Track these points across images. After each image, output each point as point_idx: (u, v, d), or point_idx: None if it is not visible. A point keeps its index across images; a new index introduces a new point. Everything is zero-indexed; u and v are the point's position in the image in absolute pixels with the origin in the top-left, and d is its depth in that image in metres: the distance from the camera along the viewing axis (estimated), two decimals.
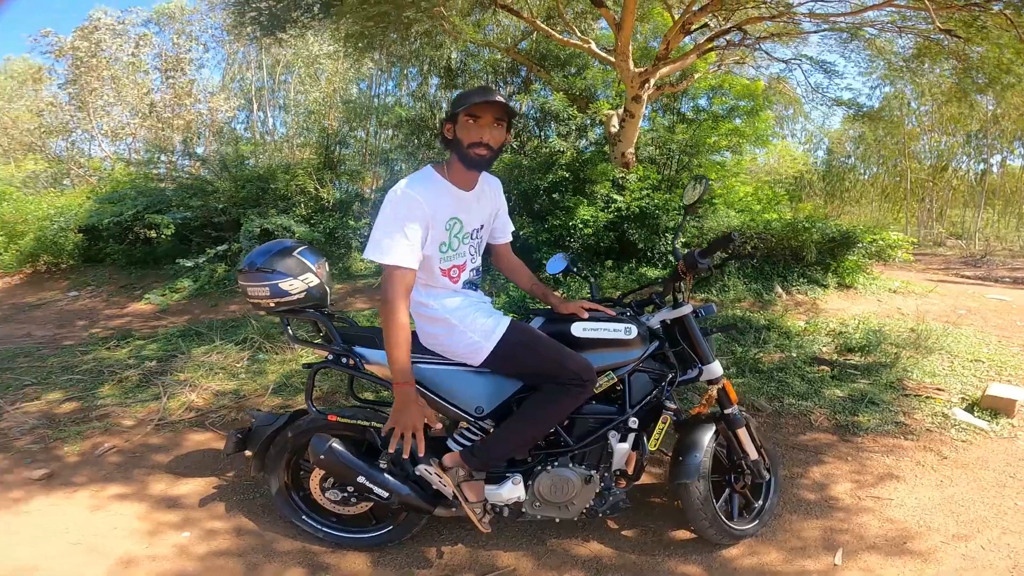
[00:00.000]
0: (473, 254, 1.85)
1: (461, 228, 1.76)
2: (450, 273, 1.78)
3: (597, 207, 5.82)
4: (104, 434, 2.92)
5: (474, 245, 1.85)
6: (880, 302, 5.65)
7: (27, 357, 4.37)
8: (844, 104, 8.29)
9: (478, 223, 1.85)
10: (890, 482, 2.51)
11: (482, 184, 1.84)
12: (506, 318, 1.82)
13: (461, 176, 1.73)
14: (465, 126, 1.62)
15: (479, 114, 1.61)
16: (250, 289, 1.82)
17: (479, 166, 1.68)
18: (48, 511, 2.23)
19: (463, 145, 1.64)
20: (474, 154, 1.64)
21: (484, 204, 1.86)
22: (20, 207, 7.98)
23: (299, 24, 6.82)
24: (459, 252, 1.78)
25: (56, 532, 2.09)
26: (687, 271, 1.89)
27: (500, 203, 1.96)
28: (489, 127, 1.62)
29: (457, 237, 1.76)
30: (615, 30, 6.02)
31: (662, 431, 1.91)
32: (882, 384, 3.44)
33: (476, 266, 1.88)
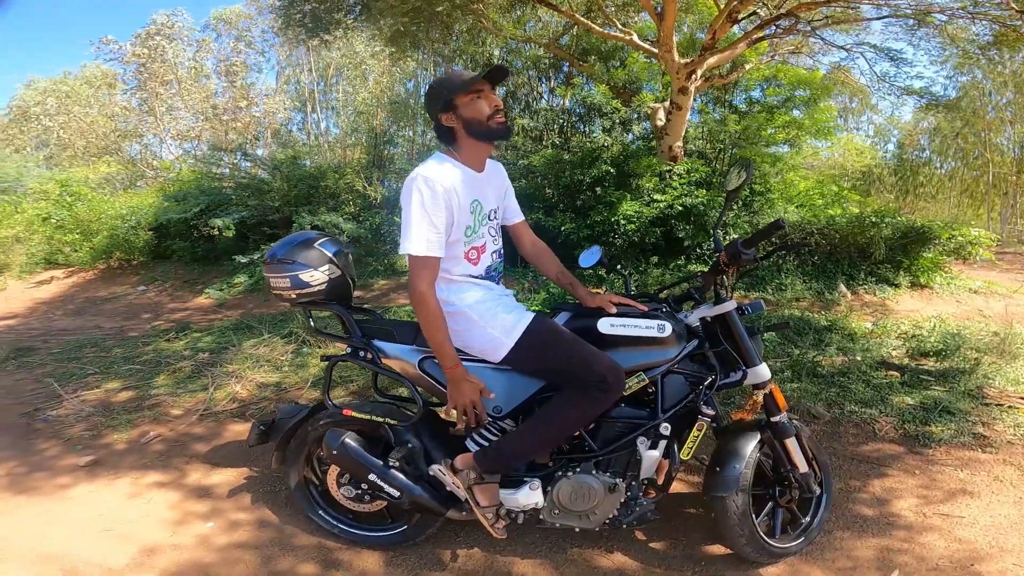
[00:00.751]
0: (493, 235, 1.79)
1: (481, 209, 1.72)
2: (468, 255, 1.71)
3: (642, 202, 5.62)
4: (152, 423, 3.03)
5: (493, 226, 1.79)
6: (959, 303, 5.18)
7: (94, 347, 4.64)
8: (915, 93, 7.66)
9: (494, 203, 1.80)
10: (962, 498, 2.26)
11: (489, 166, 1.81)
12: (528, 313, 1.73)
13: (474, 157, 1.70)
14: (471, 105, 1.61)
15: (481, 87, 1.60)
16: (272, 280, 1.82)
17: (506, 134, 1.66)
18: (87, 498, 2.32)
19: (482, 121, 1.61)
20: (497, 123, 1.62)
21: (495, 186, 1.82)
22: (94, 207, 8.55)
23: (342, 25, 6.96)
24: (480, 234, 1.73)
25: (91, 519, 2.17)
26: (729, 263, 1.72)
27: (507, 184, 1.91)
28: (494, 94, 1.63)
29: (479, 219, 1.71)
30: (657, 20, 5.81)
31: (697, 439, 1.74)
32: (959, 392, 3.13)
33: (497, 248, 1.81)
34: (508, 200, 1.92)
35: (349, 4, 6.71)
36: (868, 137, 18.77)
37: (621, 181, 6.02)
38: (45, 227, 8.46)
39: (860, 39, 6.90)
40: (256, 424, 2.02)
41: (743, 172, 1.76)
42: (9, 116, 15.98)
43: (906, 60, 6.56)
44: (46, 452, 2.75)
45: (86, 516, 2.18)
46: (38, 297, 7.39)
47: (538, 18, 8.51)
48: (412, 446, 1.80)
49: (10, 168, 13.83)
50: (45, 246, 8.81)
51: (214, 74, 14.67)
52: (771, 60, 7.84)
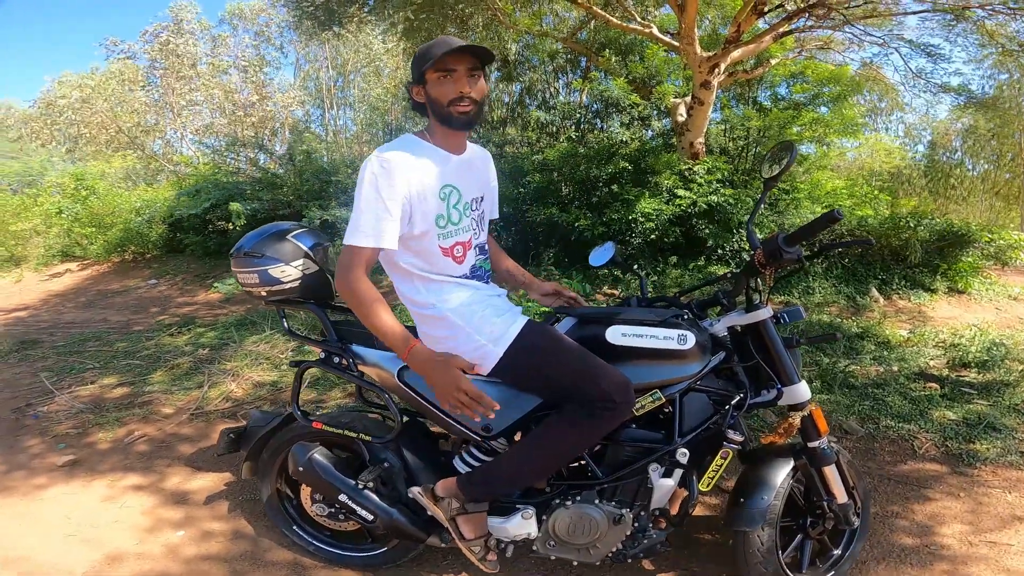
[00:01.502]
0: (477, 228, 1.55)
1: (460, 197, 1.47)
2: (453, 252, 1.48)
3: (660, 200, 5.38)
4: (141, 421, 2.91)
5: (476, 218, 1.55)
6: (999, 310, 4.87)
7: (97, 341, 4.57)
8: (952, 91, 7.28)
9: (477, 192, 1.56)
10: (1012, 524, 2.05)
11: (474, 151, 1.59)
12: (522, 317, 1.50)
13: (447, 139, 1.47)
14: (438, 83, 1.37)
15: (452, 67, 1.36)
16: (240, 276, 1.64)
17: (466, 124, 1.42)
18: (61, 499, 2.21)
19: (442, 105, 1.38)
20: (458, 112, 1.38)
21: (480, 173, 1.59)
22: (108, 200, 8.58)
23: (355, 19, 6.84)
24: (461, 226, 1.49)
25: (59, 521, 2.06)
26: (767, 263, 1.45)
27: (493, 175, 1.69)
28: (466, 78, 1.37)
29: (457, 208, 1.47)
30: (678, 12, 5.57)
31: (720, 469, 1.50)
32: (1004, 406, 2.88)
33: (480, 243, 1.57)
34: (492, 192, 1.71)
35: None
36: (897, 137, 18.19)
37: (639, 178, 5.79)
38: (60, 220, 8.52)
39: (895, 34, 6.56)
40: (226, 432, 1.86)
41: (784, 156, 1.50)
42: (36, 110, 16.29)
43: (944, 56, 6.21)
44: (30, 449, 2.65)
45: (55, 518, 2.07)
46: (52, 289, 7.42)
47: (555, 12, 8.32)
48: (388, 465, 1.61)
49: (35, 163, 14.11)
50: (63, 239, 8.89)
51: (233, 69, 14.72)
52: (798, 56, 7.53)
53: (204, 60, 14.82)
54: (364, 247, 1.34)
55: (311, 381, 3.30)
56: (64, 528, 2.01)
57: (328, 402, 3.07)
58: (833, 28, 6.33)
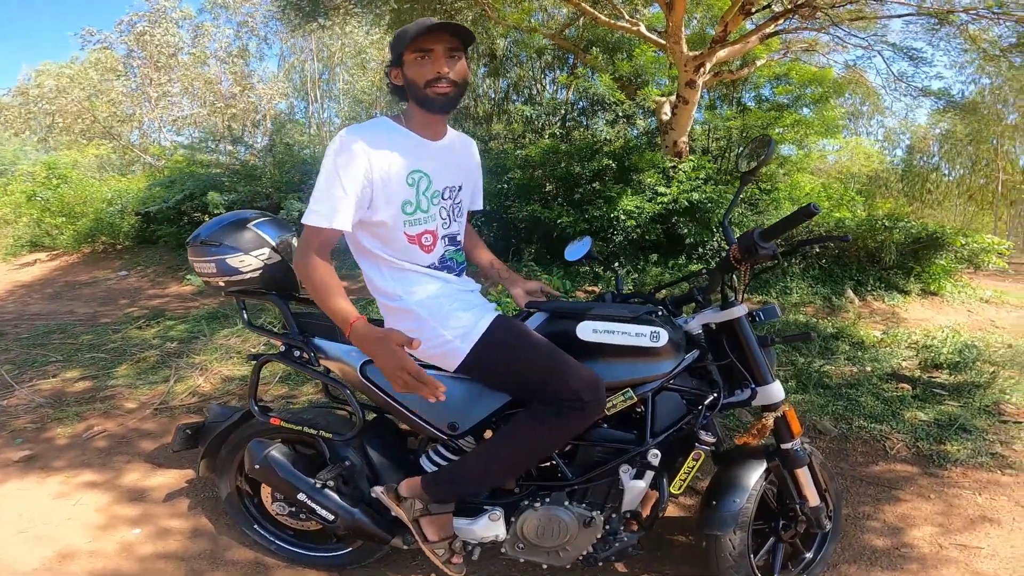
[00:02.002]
0: (447, 218, 1.49)
1: (429, 184, 1.42)
2: (421, 240, 1.42)
3: (643, 198, 5.38)
4: (102, 416, 2.81)
5: (447, 207, 1.48)
6: (971, 313, 4.96)
7: (62, 334, 4.42)
8: (933, 94, 7.40)
9: (452, 181, 1.49)
10: (981, 526, 2.05)
11: (457, 139, 1.54)
12: (492, 312, 1.45)
13: (422, 123, 1.41)
14: (416, 64, 1.33)
15: (429, 46, 1.31)
16: (196, 265, 1.57)
17: (444, 106, 1.36)
18: (14, 495, 2.12)
19: (419, 86, 1.33)
20: (435, 93, 1.33)
21: (462, 161, 1.53)
22: (80, 190, 8.33)
23: (340, 10, 6.73)
24: (430, 214, 1.43)
25: (10, 518, 1.97)
26: (743, 259, 1.41)
27: (476, 164, 1.63)
28: (444, 59, 1.32)
29: (426, 195, 1.41)
30: (666, 10, 5.57)
31: (692, 471, 1.46)
32: (975, 408, 2.91)
33: (453, 234, 1.51)
34: (476, 186, 1.65)
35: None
36: (877, 141, 18.52)
37: (622, 175, 5.78)
38: (31, 207, 8.25)
39: (878, 37, 6.64)
40: (181, 427, 1.79)
41: (762, 151, 1.47)
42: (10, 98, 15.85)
43: (925, 60, 6.30)
44: None
45: (7, 515, 1.98)
46: (19, 280, 7.18)
47: (544, 8, 8.30)
48: (350, 464, 1.55)
49: (7, 151, 13.67)
50: (32, 229, 8.62)
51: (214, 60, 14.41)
52: (783, 58, 7.60)
53: (185, 50, 14.49)
54: (319, 227, 1.29)
55: (282, 376, 3.22)
56: (15, 525, 1.93)
57: (299, 397, 3.00)
58: (819, 30, 6.38)
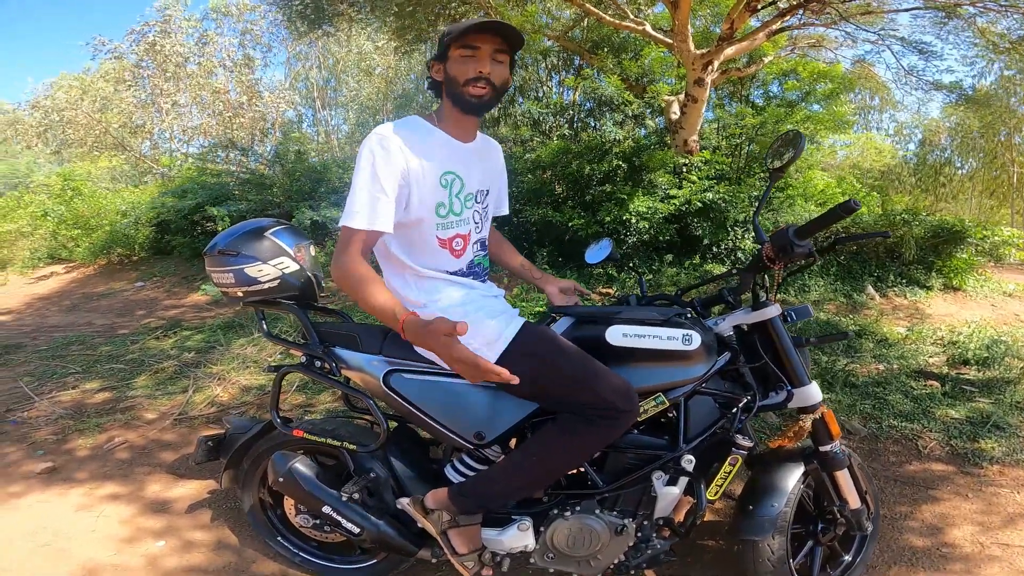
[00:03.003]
0: (480, 222, 1.47)
1: (463, 186, 1.38)
2: (452, 244, 1.39)
3: (655, 198, 5.33)
4: (123, 427, 2.81)
5: (479, 211, 1.46)
6: (994, 307, 4.85)
7: (81, 345, 4.45)
8: (944, 88, 7.30)
9: (482, 184, 1.47)
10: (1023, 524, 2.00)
11: (484, 142, 1.51)
12: (518, 319, 1.41)
13: (455, 123, 1.38)
14: (459, 61, 1.30)
15: (476, 44, 1.28)
16: (214, 275, 1.53)
17: (479, 108, 1.33)
18: (36, 507, 2.11)
19: (458, 83, 1.30)
20: (471, 93, 1.30)
21: (488, 165, 1.50)
22: (94, 202, 8.42)
23: (345, 17, 6.76)
24: (463, 218, 1.40)
25: (32, 531, 1.96)
26: (776, 258, 1.35)
27: (502, 168, 1.62)
28: (489, 60, 1.29)
29: (459, 198, 1.38)
30: (671, 9, 5.53)
31: (729, 476, 1.42)
32: (1007, 404, 2.84)
33: (480, 238, 1.49)
34: (502, 190, 1.64)
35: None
36: (888, 136, 18.31)
37: (633, 176, 5.73)
38: (47, 221, 8.35)
39: (887, 31, 6.56)
40: (203, 439, 1.76)
41: (791, 146, 1.41)
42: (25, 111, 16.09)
43: (936, 53, 6.22)
44: (7, 456, 2.53)
45: (29, 528, 1.97)
46: (36, 293, 7.26)
47: (548, 11, 8.27)
48: (375, 475, 1.52)
49: (21, 164, 13.89)
50: (49, 241, 8.72)
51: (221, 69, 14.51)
52: (790, 54, 7.52)
53: (192, 60, 14.63)
54: (358, 228, 1.25)
55: (299, 385, 3.20)
56: (39, 538, 1.92)
57: (316, 406, 2.98)
58: (827, 25, 6.31)
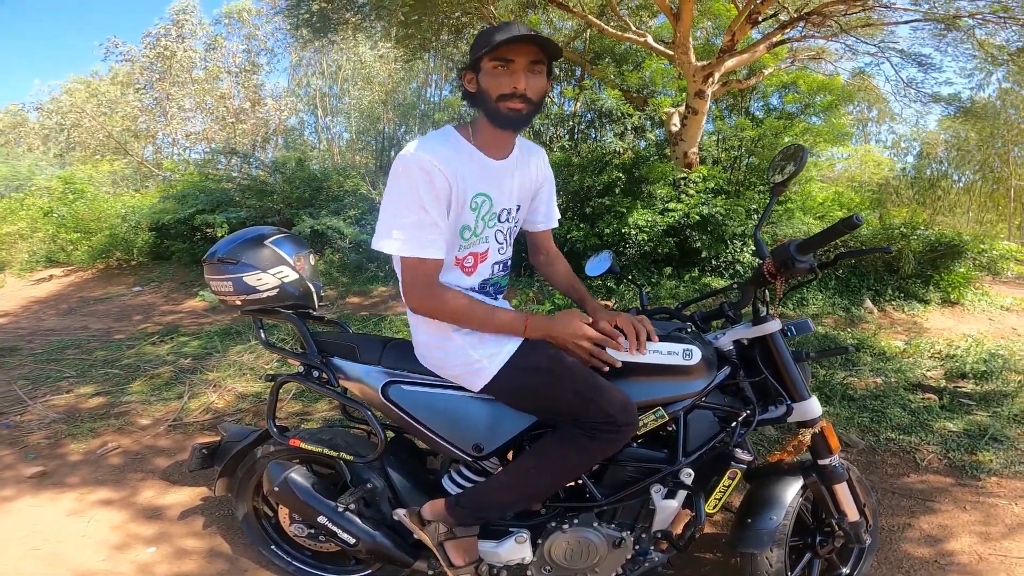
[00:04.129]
0: (502, 242, 1.42)
1: (490, 207, 1.34)
2: (464, 263, 1.37)
3: (655, 211, 5.33)
4: (117, 433, 2.79)
5: (503, 230, 1.41)
6: (992, 321, 4.85)
7: (76, 349, 4.43)
8: (943, 100, 7.36)
9: (511, 202, 1.41)
10: (1021, 535, 2.02)
11: (520, 153, 1.41)
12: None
13: (490, 139, 1.32)
14: (492, 74, 1.22)
15: (511, 57, 1.20)
16: (213, 283, 1.52)
17: (515, 124, 1.27)
18: (27, 512, 2.10)
19: (491, 98, 1.23)
20: (507, 109, 1.23)
21: (521, 179, 1.42)
22: (95, 206, 8.41)
23: (350, 25, 6.81)
24: (483, 237, 1.36)
25: (22, 535, 1.95)
26: (777, 273, 1.36)
27: (545, 179, 1.52)
28: (525, 73, 1.22)
29: (484, 219, 1.34)
30: (673, 21, 5.59)
31: (727, 489, 1.42)
32: (1005, 417, 2.86)
33: (503, 259, 1.45)
34: (540, 201, 1.54)
35: (358, 3, 6.57)
36: (886, 148, 18.41)
37: (632, 188, 5.73)
38: (47, 223, 8.33)
39: (885, 44, 6.63)
40: (197, 447, 1.75)
41: (793, 161, 1.41)
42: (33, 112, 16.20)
43: (934, 65, 6.27)
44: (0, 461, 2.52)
45: (19, 532, 1.96)
46: (34, 295, 7.23)
47: (551, 22, 8.35)
48: (371, 486, 1.51)
49: (23, 166, 13.86)
50: (48, 244, 8.69)
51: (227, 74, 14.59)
52: (790, 66, 7.59)
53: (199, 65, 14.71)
54: (423, 258, 1.23)
55: (296, 393, 3.19)
56: (29, 542, 1.90)
57: (313, 415, 2.97)
58: (827, 38, 6.38)
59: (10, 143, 17.65)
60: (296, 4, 6.68)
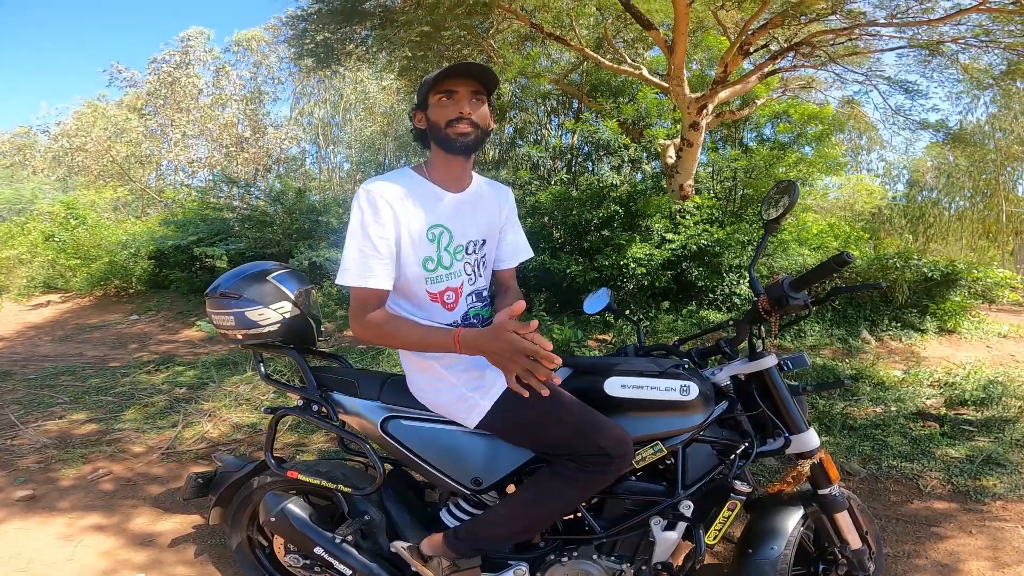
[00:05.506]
0: (472, 273, 1.43)
1: (451, 239, 1.37)
2: (443, 298, 1.38)
3: (652, 244, 5.38)
4: (108, 459, 2.75)
5: (472, 263, 1.42)
6: (989, 348, 4.87)
7: (71, 375, 4.39)
8: (930, 127, 7.53)
9: (476, 235, 1.42)
10: None
11: (480, 187, 1.46)
12: None
13: (445, 172, 1.37)
14: (439, 105, 1.30)
15: (454, 88, 1.29)
16: (215, 317, 1.52)
17: (465, 149, 1.32)
18: (15, 535, 2.06)
19: (440, 127, 1.30)
20: (455, 133, 1.29)
21: (483, 212, 1.44)
22: (95, 232, 8.42)
23: (353, 56, 6.98)
24: (453, 271, 1.38)
25: (8, 558, 1.91)
26: (772, 309, 1.39)
27: (508, 215, 1.54)
28: (468, 101, 1.30)
29: (448, 251, 1.36)
30: (667, 53, 5.75)
31: (727, 521, 1.42)
32: (1007, 442, 2.86)
33: (476, 289, 1.45)
34: (504, 237, 1.53)
35: (361, 35, 6.76)
36: (877, 176, 18.66)
37: (630, 221, 5.79)
38: (47, 248, 8.33)
39: (873, 71, 6.81)
40: (193, 476, 1.73)
41: (786, 197, 1.43)
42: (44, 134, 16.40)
43: (921, 92, 6.44)
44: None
45: (4, 554, 1.93)
46: (30, 321, 7.19)
47: (548, 55, 8.58)
48: (369, 518, 1.50)
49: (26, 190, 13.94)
50: (47, 270, 8.69)
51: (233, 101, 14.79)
52: (782, 95, 7.77)
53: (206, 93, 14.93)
54: (364, 287, 1.26)
55: (292, 425, 3.16)
56: (13, 565, 1.87)
57: (309, 446, 2.93)
58: (816, 67, 6.56)
59: (15, 166, 17.81)
60: (300, 34, 6.86)
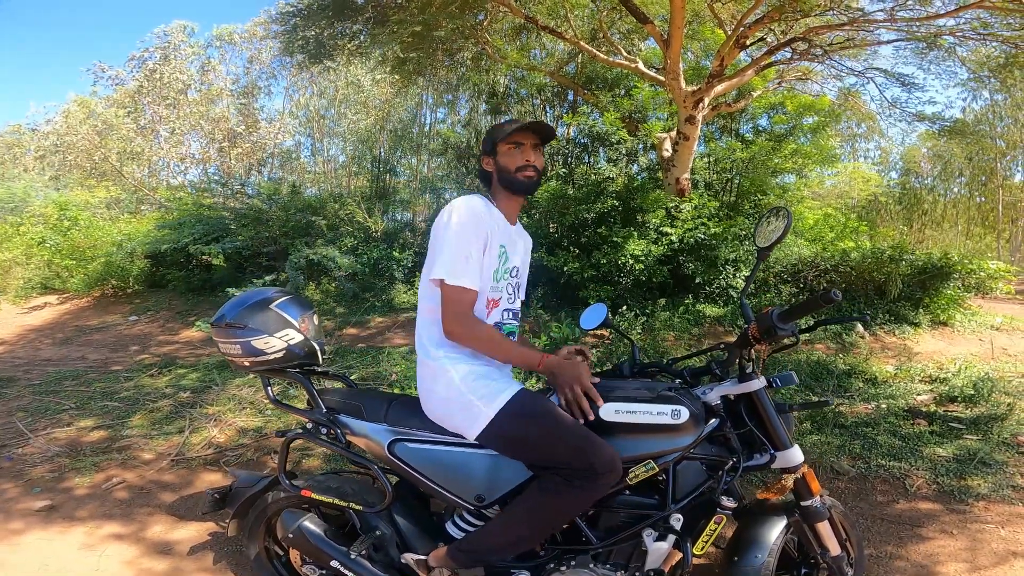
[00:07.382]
0: (511, 293, 1.66)
1: (506, 260, 1.61)
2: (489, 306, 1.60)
3: (648, 240, 5.39)
4: (119, 467, 2.81)
5: (512, 285, 1.67)
6: (982, 342, 4.94)
7: (75, 380, 4.44)
8: (927, 119, 7.54)
9: (519, 263, 1.69)
10: (1009, 561, 2.06)
11: (520, 228, 1.75)
12: (516, 384, 1.53)
13: (506, 207, 1.65)
14: (508, 154, 1.59)
15: (521, 140, 1.58)
16: (222, 346, 1.59)
17: (529, 188, 1.62)
18: (37, 545, 2.13)
19: (510, 172, 1.59)
20: (524, 177, 1.59)
21: (522, 247, 1.72)
22: (90, 232, 8.39)
23: (345, 51, 6.93)
24: (499, 286, 1.60)
25: (34, 569, 1.97)
26: (761, 338, 1.47)
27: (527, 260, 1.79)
28: (532, 151, 1.59)
29: (503, 268, 1.60)
30: (663, 47, 5.72)
31: (714, 533, 1.51)
32: (994, 441, 2.92)
33: (512, 308, 1.67)
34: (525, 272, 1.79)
35: (352, 31, 6.71)
36: (874, 164, 18.67)
37: (627, 216, 5.80)
38: (42, 251, 8.32)
39: (870, 63, 6.79)
40: (211, 492, 1.80)
41: (777, 221, 1.51)
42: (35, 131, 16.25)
43: (917, 85, 6.45)
44: (5, 493, 2.55)
45: (31, 566, 1.99)
46: (29, 324, 7.21)
47: (542, 46, 8.53)
48: (380, 533, 1.58)
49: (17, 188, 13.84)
50: (43, 271, 8.67)
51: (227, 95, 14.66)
52: (778, 87, 7.76)
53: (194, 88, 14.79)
54: (465, 287, 1.45)
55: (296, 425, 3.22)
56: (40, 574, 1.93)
57: (314, 451, 2.99)
58: (813, 61, 6.54)
59: (6, 164, 17.67)
60: (292, 30, 6.80)
